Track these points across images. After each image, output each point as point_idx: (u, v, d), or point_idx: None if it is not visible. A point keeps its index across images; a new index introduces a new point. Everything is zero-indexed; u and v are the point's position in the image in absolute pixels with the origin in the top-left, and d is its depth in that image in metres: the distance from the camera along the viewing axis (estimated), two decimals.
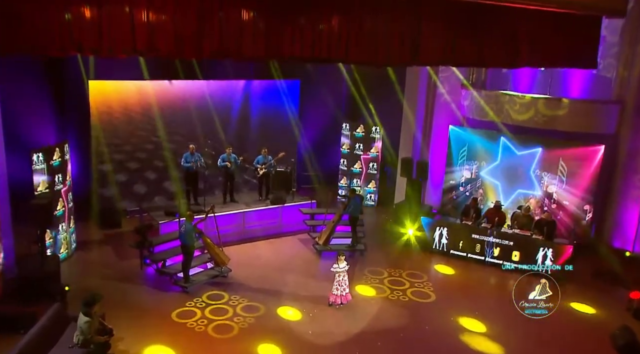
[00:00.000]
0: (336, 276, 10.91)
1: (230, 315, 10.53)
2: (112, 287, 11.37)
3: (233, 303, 10.99)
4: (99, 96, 14.30)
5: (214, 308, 10.76)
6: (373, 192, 17.61)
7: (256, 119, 16.72)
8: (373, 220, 16.41)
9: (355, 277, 12.24)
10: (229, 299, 11.11)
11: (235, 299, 11.13)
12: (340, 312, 10.86)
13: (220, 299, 11.07)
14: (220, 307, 10.81)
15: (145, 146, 15.25)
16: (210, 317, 10.42)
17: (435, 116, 16.18)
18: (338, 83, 17.99)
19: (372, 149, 17.37)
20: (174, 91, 15.39)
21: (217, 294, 11.25)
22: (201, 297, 11.06)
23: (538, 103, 14.04)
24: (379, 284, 12.12)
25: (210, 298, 11.11)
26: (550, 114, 13.93)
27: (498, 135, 15.05)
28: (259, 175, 14.94)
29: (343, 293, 10.95)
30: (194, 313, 10.51)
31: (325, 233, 13.63)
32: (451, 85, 15.95)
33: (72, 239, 12.97)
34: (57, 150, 12.00)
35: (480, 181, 15.55)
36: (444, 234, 13.81)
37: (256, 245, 14.06)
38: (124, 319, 10.06)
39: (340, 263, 10.87)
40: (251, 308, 10.84)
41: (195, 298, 11.01)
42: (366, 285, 12.09)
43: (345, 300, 11.01)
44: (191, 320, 10.26)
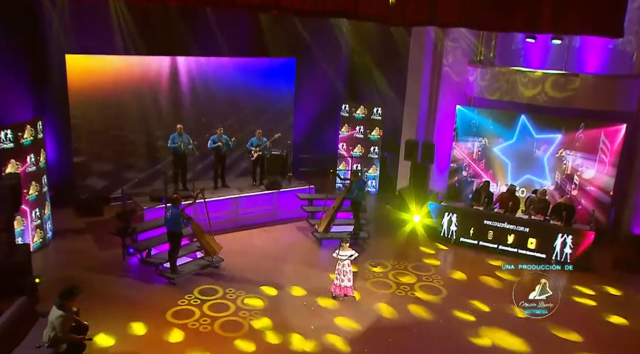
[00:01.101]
0: (337, 264, 9.85)
1: (233, 310, 9.43)
2: (89, 279, 10.25)
3: (231, 296, 9.88)
4: (79, 72, 13.07)
5: (213, 304, 9.62)
6: (374, 178, 16.54)
7: (249, 99, 15.55)
8: (375, 207, 15.36)
9: (357, 269, 11.17)
10: (225, 292, 9.98)
11: (231, 292, 10.02)
12: (344, 305, 9.81)
13: (215, 294, 9.91)
14: (218, 302, 9.67)
15: (130, 127, 14.04)
16: (212, 314, 9.28)
17: (441, 95, 15.12)
18: (336, 62, 16.94)
19: (373, 132, 16.29)
20: (161, 67, 14.20)
21: (210, 289, 10.09)
22: (193, 292, 9.92)
23: (553, 79, 13.00)
24: (383, 279, 11.04)
25: (204, 292, 9.96)
26: (567, 91, 12.89)
27: (509, 114, 14.05)
28: (253, 158, 13.81)
29: (341, 284, 9.88)
30: (192, 312, 9.33)
31: (325, 220, 12.55)
32: (458, 62, 14.90)
33: (48, 227, 11.80)
34: (28, 127, 10.80)
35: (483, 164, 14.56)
36: (453, 221, 12.78)
37: (250, 233, 12.96)
38: (101, 314, 8.98)
39: (343, 250, 9.80)
40: (252, 302, 9.79)
41: (187, 294, 9.83)
42: (370, 280, 10.99)
43: (344, 292, 9.94)
44: (192, 320, 9.07)
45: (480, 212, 12.55)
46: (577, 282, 11.03)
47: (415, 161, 14.73)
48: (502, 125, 14.19)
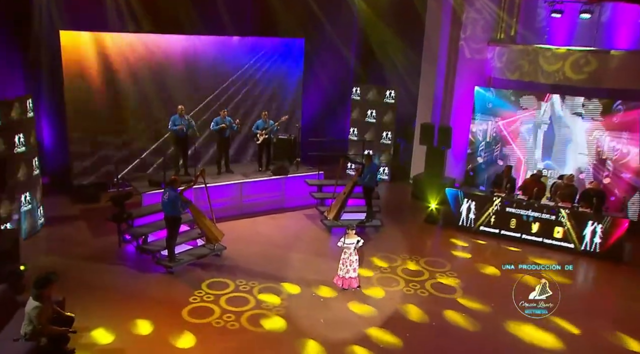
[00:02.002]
0: (342, 253, 9.02)
1: (254, 304, 8.57)
2: (81, 267, 9.55)
3: (244, 288, 9.03)
4: (74, 50, 12.28)
5: (229, 297, 8.72)
6: (387, 165, 15.67)
7: (255, 80, 14.75)
8: (388, 196, 14.51)
9: (366, 260, 10.34)
10: (237, 285, 9.11)
11: (243, 284, 9.16)
12: (356, 297, 8.97)
13: (226, 288, 8.99)
14: (235, 296, 8.78)
15: (128, 109, 13.24)
16: (234, 309, 8.38)
17: (459, 76, 14.21)
18: (348, 42, 16.09)
19: (385, 117, 15.40)
20: (162, 46, 13.39)
21: (219, 282, 9.16)
22: (201, 287, 9.00)
23: (581, 57, 12.11)
24: (392, 275, 10.20)
25: (213, 287, 9.04)
26: (597, 68, 11.98)
27: (535, 95, 13.16)
28: (259, 142, 13.00)
29: (345, 275, 9.04)
30: (210, 309, 8.36)
31: (335, 206, 11.72)
32: (476, 42, 13.99)
33: (40, 213, 11.07)
34: (16, 104, 10.04)
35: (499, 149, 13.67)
36: (472, 209, 11.91)
37: (255, 221, 12.15)
38: (91, 304, 8.24)
39: (349, 238, 8.96)
40: (271, 292, 9.00)
41: (196, 290, 8.88)
42: (380, 273, 10.16)
43: (349, 284, 9.10)
44: (214, 318, 8.13)
45: (502, 198, 11.66)
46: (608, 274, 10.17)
47: (431, 146, 13.84)
48: (522, 107, 13.29)
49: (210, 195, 10.18)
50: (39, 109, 13.07)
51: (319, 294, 9.02)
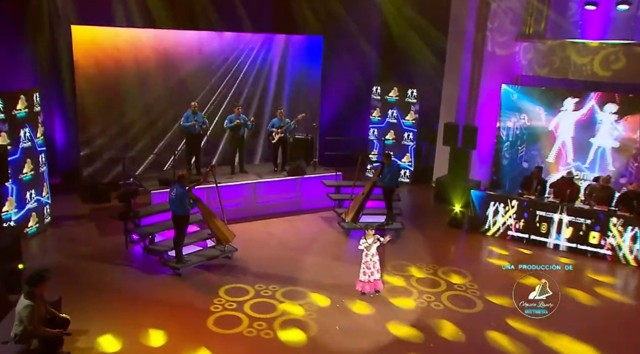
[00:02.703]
0: (364, 256, 8.40)
1: (280, 311, 7.94)
2: (84, 267, 9.09)
3: (266, 293, 8.42)
4: (86, 46, 11.94)
5: (254, 303, 8.09)
6: (408, 168, 15.01)
7: (272, 79, 14.26)
8: (409, 198, 13.85)
9: (387, 264, 9.68)
10: (257, 291, 8.45)
11: (263, 288, 8.54)
12: (375, 303, 8.32)
13: (246, 294, 8.32)
14: (260, 302, 8.15)
15: (141, 107, 12.83)
16: (263, 316, 7.73)
17: (484, 74, 13.51)
18: (368, 40, 15.52)
19: (407, 117, 14.77)
20: (178, 42, 12.99)
21: (237, 288, 8.49)
22: (218, 294, 8.31)
23: (612, 53, 11.35)
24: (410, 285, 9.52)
25: (232, 293, 8.35)
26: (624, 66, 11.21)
27: (562, 94, 12.41)
28: (274, 141, 12.46)
29: (371, 279, 8.43)
30: (237, 318, 7.67)
31: (353, 208, 11.09)
32: (503, 37, 13.32)
33: (46, 211, 10.66)
34: (22, 98, 9.66)
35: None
36: (499, 212, 11.17)
37: (269, 223, 11.58)
38: (91, 306, 7.75)
39: (369, 238, 8.34)
40: (295, 296, 8.40)
41: (216, 298, 8.16)
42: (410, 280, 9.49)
43: (374, 288, 8.48)
44: (244, 328, 7.44)
45: (531, 201, 10.91)
46: None
47: (454, 147, 13.14)
48: (553, 106, 12.54)
49: (221, 195, 9.66)
50: (52, 108, 12.81)
51: (342, 301, 8.38)
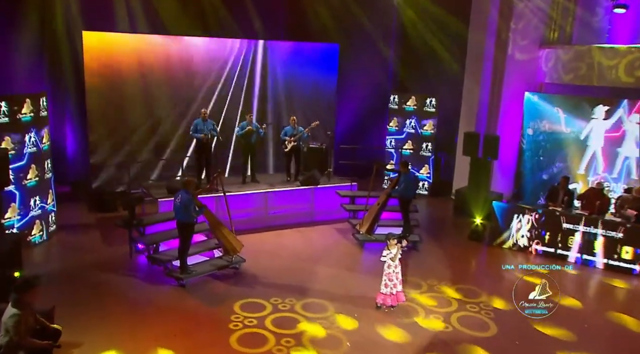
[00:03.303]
0: (385, 267, 7.87)
1: (302, 327, 7.37)
2: (86, 277, 8.69)
3: (284, 307, 7.89)
4: (98, 51, 11.76)
5: (275, 318, 7.54)
6: (426, 180, 14.46)
7: (286, 87, 13.94)
8: (427, 211, 13.29)
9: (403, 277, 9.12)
10: (274, 306, 7.87)
11: (279, 301, 8.02)
12: (390, 317, 7.77)
13: (262, 310, 7.73)
14: (281, 317, 7.61)
15: (151, 115, 12.60)
16: (288, 332, 7.21)
17: (506, 81, 12.98)
18: (385, 48, 15.12)
19: (425, 127, 14.28)
20: (191, 49, 12.78)
21: (252, 303, 7.92)
22: (233, 308, 7.76)
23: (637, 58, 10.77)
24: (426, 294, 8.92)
25: (248, 309, 7.77)
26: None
27: (589, 101, 11.82)
28: (287, 149, 12.05)
29: (393, 291, 7.90)
30: (261, 336, 7.08)
31: (368, 219, 10.59)
32: (527, 42, 12.82)
33: (51, 219, 10.36)
34: (28, 101, 9.42)
35: None
36: (523, 224, 10.55)
37: (280, 234, 11.11)
38: (88, 317, 7.35)
39: (392, 249, 7.82)
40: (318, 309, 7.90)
41: (232, 315, 7.56)
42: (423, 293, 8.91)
43: (397, 301, 7.96)
44: (272, 346, 6.87)
45: (558, 213, 10.28)
46: None
47: (475, 157, 12.58)
48: (580, 114, 11.95)
49: (230, 204, 9.26)
50: (64, 116, 12.63)
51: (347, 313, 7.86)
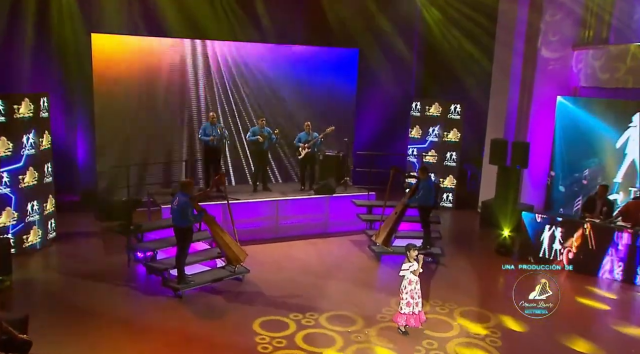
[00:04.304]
0: (406, 283, 6.98)
1: (342, 344, 6.67)
2: (77, 285, 8.16)
3: (308, 322, 7.15)
4: (106, 54, 11.40)
5: (305, 335, 6.82)
6: (451, 191, 13.59)
7: (302, 92, 13.34)
8: (452, 223, 12.44)
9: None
10: (298, 326, 7.07)
11: (299, 316, 7.31)
12: (405, 339, 6.93)
13: (285, 329, 6.94)
14: (311, 332, 6.89)
15: (160, 118, 12.15)
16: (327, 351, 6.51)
17: (537, 85, 12.13)
18: (406, 53, 14.43)
19: (450, 135, 13.46)
20: (205, 52, 12.37)
21: (272, 321, 7.14)
22: (252, 327, 6.99)
23: None
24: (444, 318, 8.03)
25: (268, 327, 6.99)
26: None
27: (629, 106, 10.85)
28: (301, 157, 11.39)
29: (416, 311, 6.98)
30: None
31: (384, 229, 9.79)
32: (559, 43, 11.96)
33: (51, 226, 9.88)
34: (26, 101, 9.00)
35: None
36: (557, 237, 9.60)
37: (291, 245, 10.39)
38: (69, 328, 6.77)
39: (413, 261, 6.92)
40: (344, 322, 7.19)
41: (257, 336, 6.73)
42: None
43: (419, 322, 7.05)
44: None
45: (596, 225, 9.31)
46: None
47: (503, 166, 11.67)
48: (617, 120, 10.98)
49: (239, 213, 8.66)
50: (76, 125, 12.27)
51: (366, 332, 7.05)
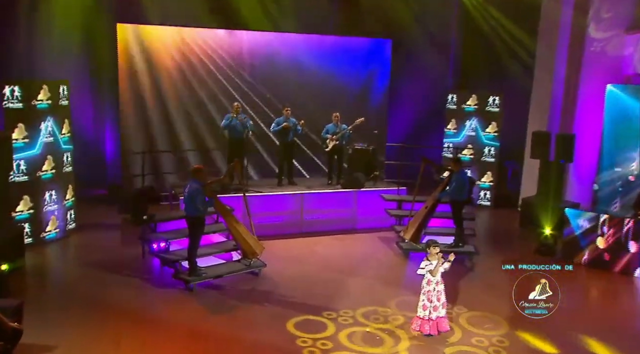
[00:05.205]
0: (424, 283, 6.39)
1: (393, 345, 6.19)
2: (85, 276, 7.90)
3: (345, 320, 6.66)
4: (132, 45, 11.20)
5: (349, 334, 6.38)
6: (488, 188, 12.77)
7: (332, 83, 12.81)
8: (489, 222, 11.66)
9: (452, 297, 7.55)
10: (336, 322, 6.64)
11: (333, 315, 6.82)
12: (425, 346, 6.28)
13: (324, 330, 6.44)
14: (355, 331, 6.44)
15: (188, 112, 11.86)
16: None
17: (584, 73, 11.22)
18: (443, 45, 13.73)
19: (488, 129, 12.66)
20: (231, 42, 12.02)
21: (306, 321, 6.65)
22: (286, 327, 6.50)
23: None
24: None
25: (303, 327, 6.49)
26: None
27: None
28: (328, 149, 10.86)
29: (433, 316, 6.36)
30: None
31: (413, 224, 9.13)
32: (609, 28, 11.04)
33: (69, 217, 9.69)
34: (45, 88, 8.82)
35: None
36: (605, 235, 8.72)
37: (315, 240, 9.85)
38: (71, 319, 6.48)
39: (432, 259, 6.35)
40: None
41: (299, 339, 6.23)
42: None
43: (436, 330, 6.40)
44: None
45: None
46: None
47: (545, 160, 10.84)
48: None
49: (261, 206, 8.26)
50: (104, 118, 12.16)
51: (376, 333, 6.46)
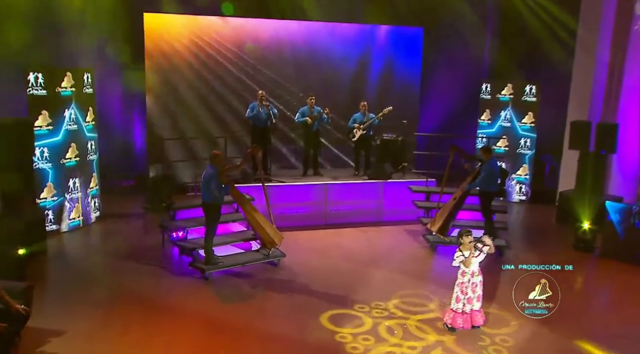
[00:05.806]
0: (459, 274, 6.01)
1: (435, 340, 5.90)
2: (102, 263, 7.88)
3: (378, 314, 6.39)
4: (160, 35, 11.16)
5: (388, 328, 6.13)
6: (524, 182, 12.18)
7: (363, 73, 12.52)
8: (524, 217, 11.15)
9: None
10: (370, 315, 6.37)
11: (365, 308, 6.55)
12: (461, 339, 5.92)
13: (360, 324, 6.16)
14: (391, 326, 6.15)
15: (214, 102, 11.76)
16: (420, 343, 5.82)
17: (630, 57, 10.51)
18: (478, 32, 13.17)
19: (524, 119, 12.07)
20: (252, 32, 11.85)
21: (338, 315, 6.36)
22: (319, 320, 6.23)
23: None
24: None
25: (338, 321, 6.20)
26: None
27: None
28: (355, 139, 10.55)
29: (467, 309, 6.01)
30: None
31: (441, 216, 8.72)
32: None
33: (94, 205, 9.70)
34: (68, 75, 8.83)
35: None
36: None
37: (339, 232, 9.56)
38: (79, 306, 6.42)
39: (465, 249, 5.91)
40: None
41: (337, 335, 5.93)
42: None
43: (470, 324, 6.05)
44: None
45: None
46: None
47: (585, 151, 10.23)
48: None
49: (284, 196, 8.08)
50: (132, 110, 12.18)
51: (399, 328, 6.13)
